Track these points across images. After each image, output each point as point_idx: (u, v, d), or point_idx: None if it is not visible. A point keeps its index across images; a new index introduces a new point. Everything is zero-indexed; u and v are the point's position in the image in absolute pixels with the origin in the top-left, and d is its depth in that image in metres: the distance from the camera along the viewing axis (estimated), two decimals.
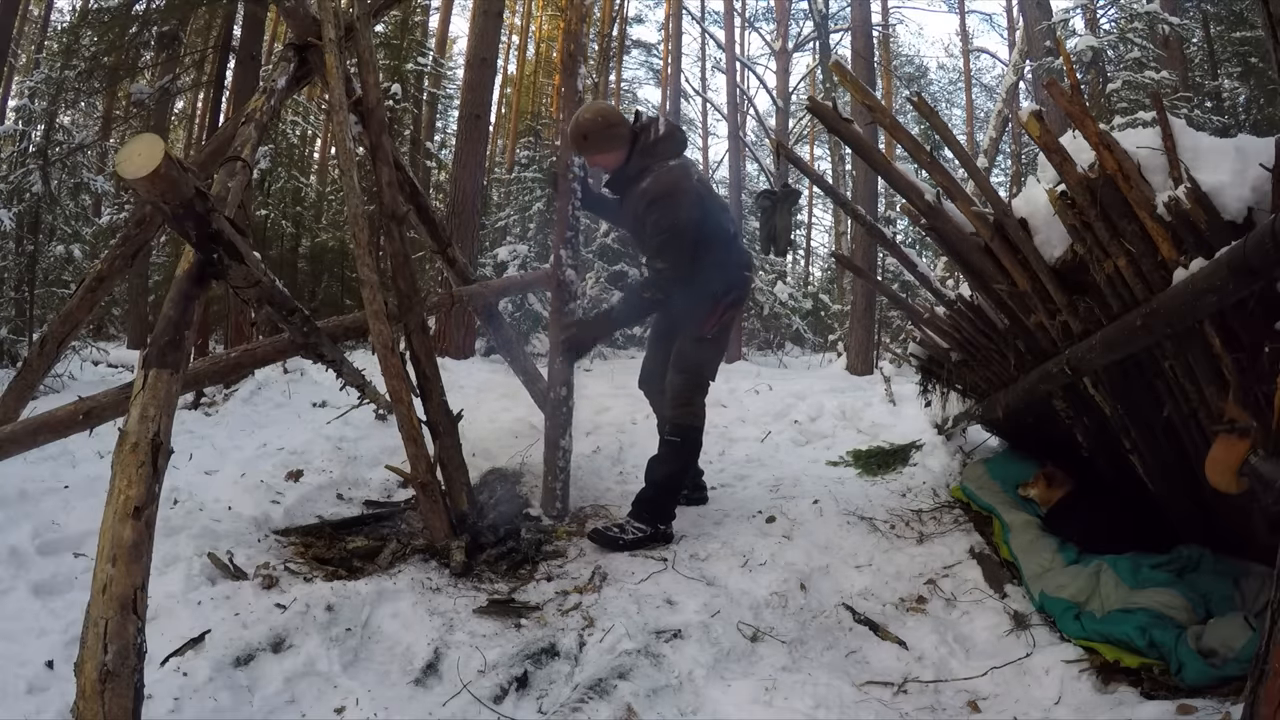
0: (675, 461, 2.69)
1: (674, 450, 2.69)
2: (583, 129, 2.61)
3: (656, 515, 2.58)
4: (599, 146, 2.63)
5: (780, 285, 14.88)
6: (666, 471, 2.67)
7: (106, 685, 1.24)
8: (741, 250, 2.86)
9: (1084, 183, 1.56)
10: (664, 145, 2.64)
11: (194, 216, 1.58)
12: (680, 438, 2.69)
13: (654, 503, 2.60)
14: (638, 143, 2.64)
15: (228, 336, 7.37)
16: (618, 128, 2.62)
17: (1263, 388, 1.38)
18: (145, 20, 7.14)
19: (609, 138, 2.61)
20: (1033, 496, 2.57)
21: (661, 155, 2.62)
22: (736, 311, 2.90)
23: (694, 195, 2.61)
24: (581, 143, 2.63)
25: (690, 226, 2.58)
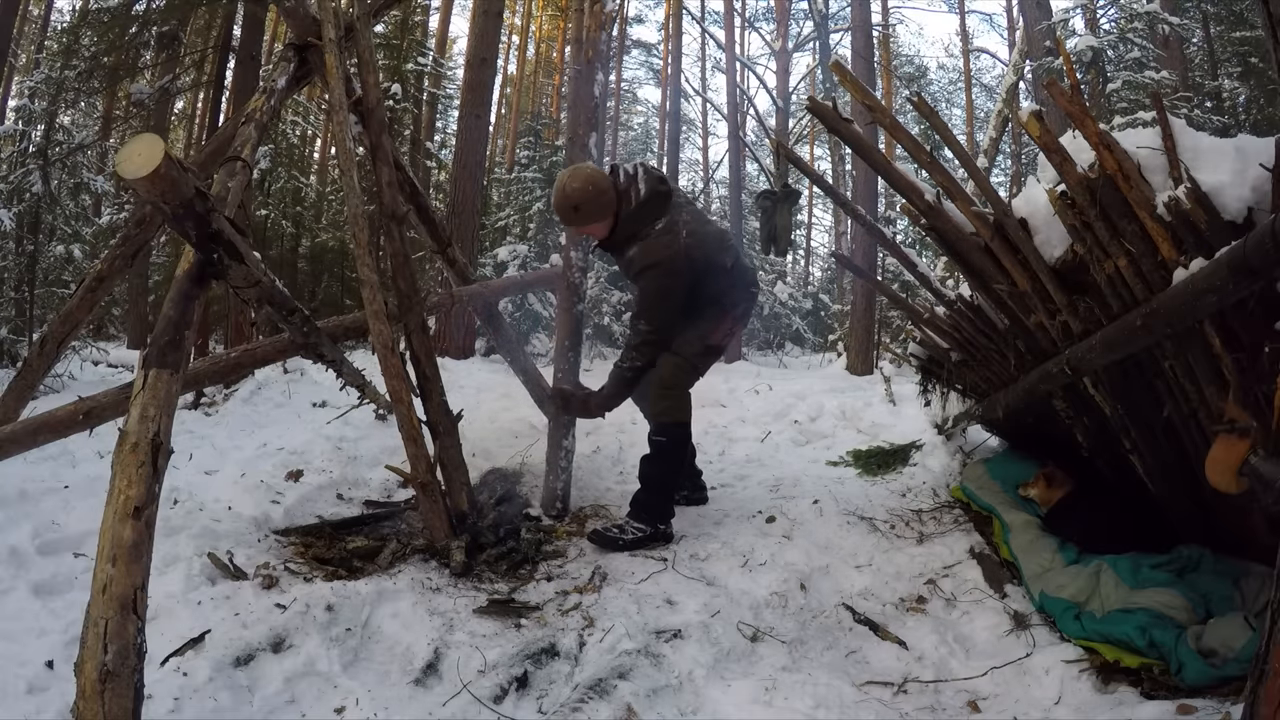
0: (663, 461, 2.64)
1: (660, 450, 2.64)
2: (573, 200, 2.55)
3: (654, 515, 2.56)
4: (590, 217, 2.59)
5: (780, 285, 14.89)
6: (656, 471, 2.63)
7: (106, 685, 1.24)
8: (745, 270, 2.83)
9: (1084, 183, 1.56)
10: (649, 209, 2.61)
11: (194, 216, 1.58)
12: (665, 436, 2.65)
13: (649, 503, 2.59)
14: (622, 208, 2.61)
15: (228, 336, 7.37)
16: (606, 195, 2.57)
17: (1263, 388, 1.38)
18: (145, 20, 7.14)
19: (599, 205, 2.57)
20: (1033, 496, 2.57)
21: (647, 219, 2.61)
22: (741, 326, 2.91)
23: (681, 258, 2.56)
24: (572, 214, 2.58)
25: (676, 293, 2.58)
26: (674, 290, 2.58)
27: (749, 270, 2.87)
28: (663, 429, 2.65)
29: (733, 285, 2.75)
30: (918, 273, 2.48)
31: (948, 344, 2.91)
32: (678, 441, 2.68)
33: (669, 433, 2.64)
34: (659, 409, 2.66)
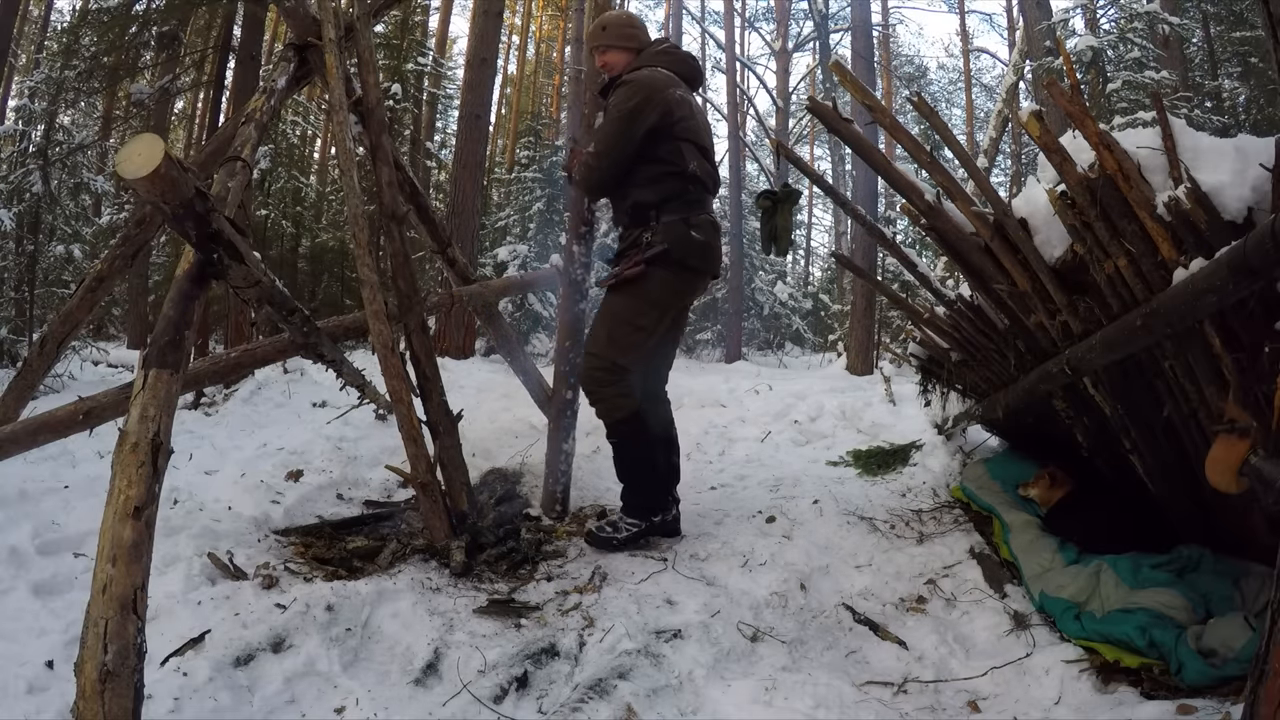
0: (626, 455, 2.54)
1: (618, 448, 2.55)
2: (604, 21, 2.64)
3: (643, 508, 2.50)
4: (612, 40, 2.60)
5: (780, 285, 14.91)
6: (624, 468, 2.56)
7: (106, 685, 1.24)
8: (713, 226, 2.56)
9: (1084, 183, 1.56)
10: (663, 57, 2.57)
11: (194, 216, 1.58)
12: (616, 436, 2.52)
13: (633, 500, 2.52)
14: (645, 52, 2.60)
15: (228, 336, 7.37)
16: (634, 29, 2.62)
17: (1263, 388, 1.38)
18: (145, 20, 7.15)
19: (625, 36, 2.60)
20: (1033, 496, 2.57)
21: (656, 64, 2.55)
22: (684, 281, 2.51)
23: (660, 95, 2.43)
24: (599, 33, 2.62)
25: (638, 121, 2.41)
26: (637, 115, 2.41)
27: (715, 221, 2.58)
28: (610, 430, 2.54)
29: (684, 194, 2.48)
30: (918, 273, 2.48)
31: (948, 344, 2.91)
32: (630, 434, 2.52)
33: (617, 431, 2.52)
34: (597, 413, 2.54)
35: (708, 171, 2.57)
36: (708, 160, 2.58)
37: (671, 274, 2.46)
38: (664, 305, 2.51)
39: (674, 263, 2.44)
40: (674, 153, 2.47)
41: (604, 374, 2.46)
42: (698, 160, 2.51)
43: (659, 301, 2.49)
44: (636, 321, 2.47)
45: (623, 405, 2.47)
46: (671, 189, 2.47)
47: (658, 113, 2.42)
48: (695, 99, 2.64)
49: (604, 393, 2.47)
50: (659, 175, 2.47)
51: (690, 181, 2.49)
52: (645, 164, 2.47)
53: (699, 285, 2.62)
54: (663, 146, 2.46)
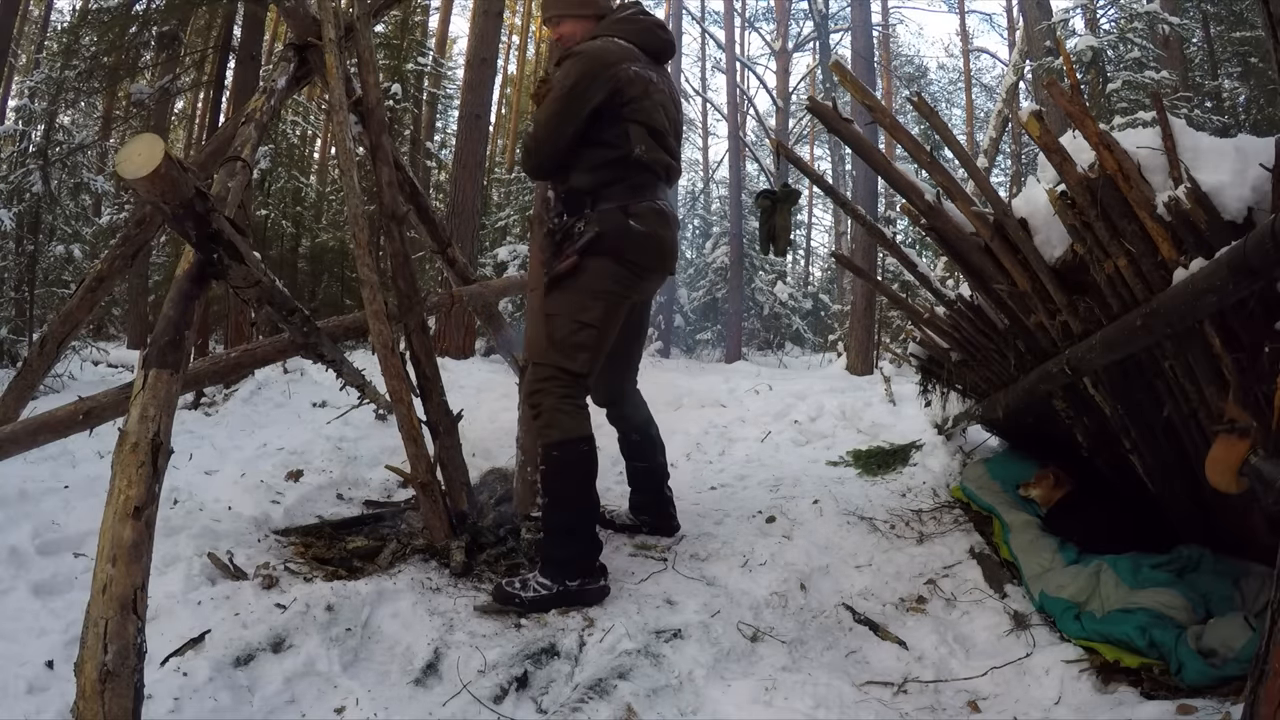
0: (551, 495, 2.12)
1: (548, 479, 2.12)
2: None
3: (560, 569, 2.03)
4: (566, 8, 2.33)
5: (780, 285, 14.92)
6: (548, 510, 2.13)
7: (106, 685, 1.24)
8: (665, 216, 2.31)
9: (1084, 183, 1.56)
10: (623, 26, 2.29)
11: (194, 216, 1.58)
12: (545, 463, 2.12)
13: (550, 555, 2.09)
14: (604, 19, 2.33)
15: (228, 336, 7.37)
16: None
17: (1263, 388, 1.38)
18: (145, 20, 7.15)
19: (580, 2, 2.32)
20: (1035, 497, 2.57)
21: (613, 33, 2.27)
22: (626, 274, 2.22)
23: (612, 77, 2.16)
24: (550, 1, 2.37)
25: (582, 97, 2.14)
26: (580, 93, 2.14)
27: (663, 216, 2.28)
28: (544, 453, 2.13)
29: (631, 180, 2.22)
30: (918, 273, 2.48)
31: (948, 344, 2.91)
32: (566, 464, 2.10)
33: (548, 458, 2.11)
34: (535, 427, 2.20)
35: (659, 158, 2.27)
36: (663, 145, 2.30)
37: (608, 263, 2.20)
38: (610, 297, 2.21)
39: (608, 251, 2.18)
40: (620, 136, 2.20)
41: (548, 383, 2.15)
42: (646, 144, 2.23)
43: (603, 293, 2.19)
44: (580, 317, 2.17)
45: (562, 424, 2.11)
46: (611, 175, 2.21)
47: (604, 90, 2.16)
48: (660, 75, 2.35)
49: (545, 404, 2.14)
50: (600, 160, 2.21)
51: (634, 168, 2.22)
52: (588, 147, 2.21)
53: (647, 282, 2.36)
54: (609, 129, 2.20)
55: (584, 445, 2.14)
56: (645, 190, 2.26)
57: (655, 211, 2.27)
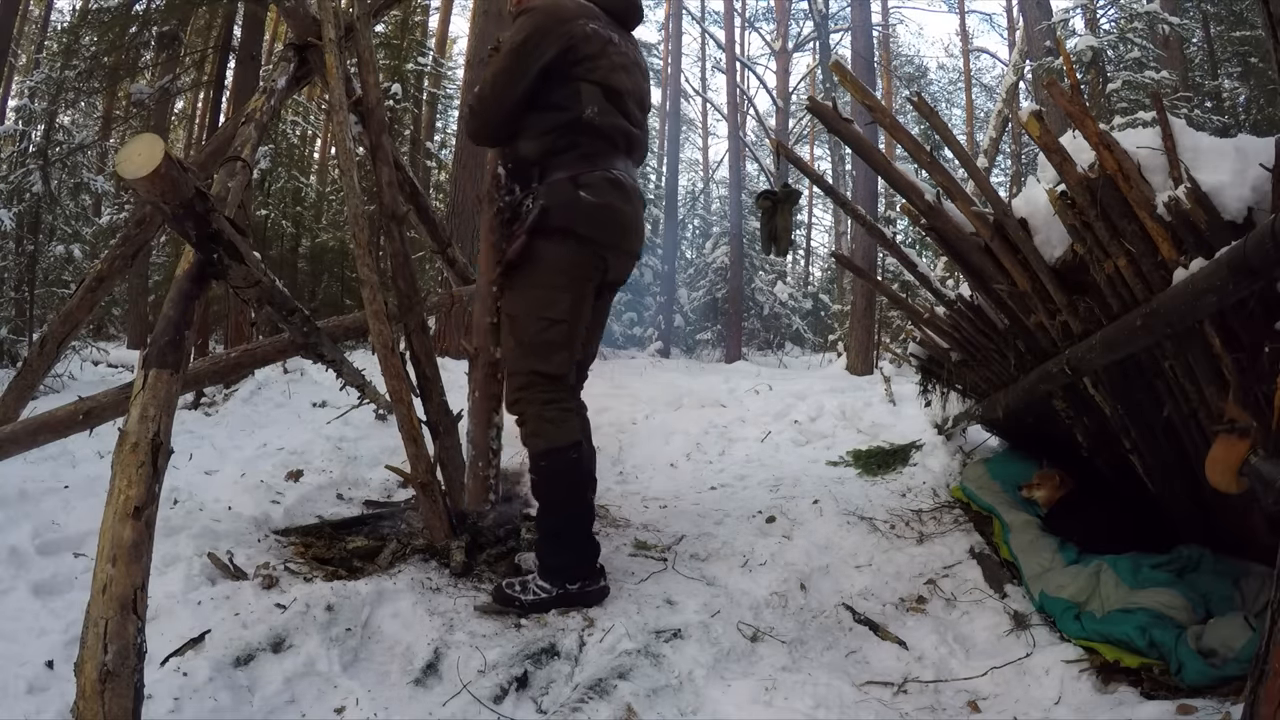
0: (545, 499, 2.06)
1: (538, 487, 2.06)
2: None
3: (559, 573, 2.00)
4: None
5: (780, 285, 14.93)
6: (543, 515, 2.08)
7: (106, 685, 1.24)
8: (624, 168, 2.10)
9: (1084, 183, 1.56)
10: None
11: (194, 216, 1.58)
12: (535, 473, 2.06)
13: (548, 561, 2.04)
14: None
15: (228, 336, 7.37)
16: None
17: (1263, 388, 1.38)
18: (145, 20, 7.15)
19: None
20: (1038, 499, 2.56)
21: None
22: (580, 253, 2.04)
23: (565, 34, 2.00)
24: None
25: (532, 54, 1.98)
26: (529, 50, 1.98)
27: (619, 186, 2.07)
28: (532, 462, 2.06)
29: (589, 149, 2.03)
30: (918, 273, 2.48)
31: (948, 344, 2.91)
32: (551, 474, 2.03)
33: (536, 467, 2.05)
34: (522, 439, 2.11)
35: (615, 124, 2.07)
36: (622, 109, 2.10)
37: (559, 243, 2.02)
38: (573, 286, 2.04)
39: (558, 228, 2.00)
40: (570, 97, 2.02)
41: (526, 391, 2.04)
42: (599, 105, 2.03)
43: (564, 283, 2.03)
44: (546, 314, 2.03)
45: (548, 433, 2.02)
46: (561, 141, 2.03)
47: (556, 47, 1.99)
48: (625, 39, 2.18)
49: (528, 413, 2.04)
50: (549, 125, 2.03)
51: (585, 132, 2.03)
52: (537, 111, 2.04)
53: (604, 261, 2.12)
54: (559, 90, 2.02)
55: (572, 452, 2.04)
56: (599, 159, 2.05)
57: (610, 181, 2.05)
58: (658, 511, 2.96)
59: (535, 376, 2.04)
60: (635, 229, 2.17)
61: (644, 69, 2.25)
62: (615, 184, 2.06)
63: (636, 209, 2.15)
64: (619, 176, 2.08)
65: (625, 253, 2.17)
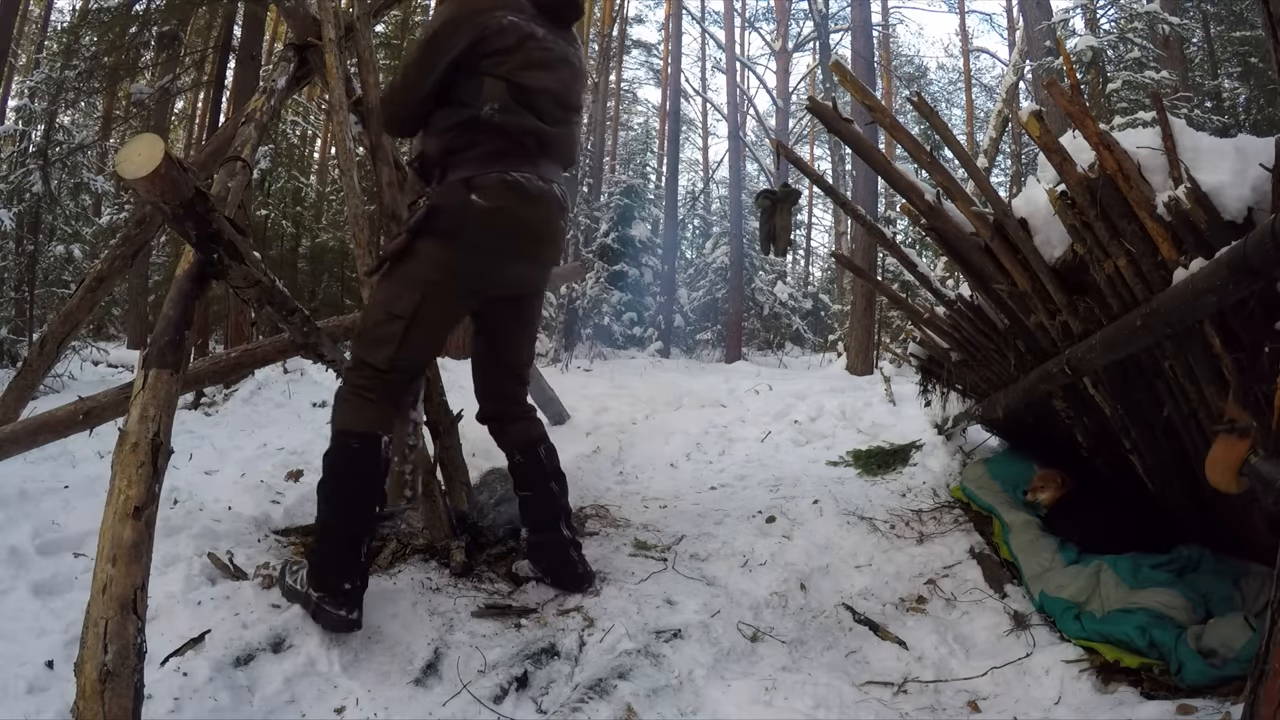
0: (321, 483, 1.88)
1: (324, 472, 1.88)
2: None
3: (318, 576, 1.79)
4: None
5: (780, 285, 14.92)
6: (320, 504, 1.87)
7: (106, 685, 1.24)
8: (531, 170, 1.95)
9: (1084, 183, 1.56)
10: None
11: (194, 216, 1.58)
12: (325, 459, 1.88)
13: (314, 556, 1.86)
14: None
15: (228, 336, 7.38)
16: None
17: (1263, 388, 1.38)
18: (145, 20, 7.16)
19: None
20: (1042, 501, 2.55)
21: None
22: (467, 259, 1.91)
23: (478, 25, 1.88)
24: None
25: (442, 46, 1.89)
26: (439, 41, 1.90)
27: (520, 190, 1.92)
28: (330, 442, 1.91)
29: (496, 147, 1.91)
30: (918, 273, 2.48)
31: (948, 344, 2.91)
32: (332, 456, 1.87)
33: (328, 452, 1.89)
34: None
35: (520, 123, 1.92)
36: (534, 108, 1.94)
37: (440, 245, 1.90)
38: (431, 288, 1.91)
39: (441, 232, 1.89)
40: (471, 92, 1.90)
41: (351, 372, 1.94)
42: (502, 102, 1.89)
43: (422, 282, 1.90)
44: (391, 308, 1.92)
45: (341, 414, 1.89)
46: (461, 140, 1.92)
47: (467, 38, 1.88)
48: (557, 35, 2.03)
49: (339, 391, 1.94)
50: (451, 121, 1.93)
51: (484, 130, 1.90)
52: (443, 107, 1.95)
53: (503, 271, 1.99)
54: (464, 84, 1.91)
55: (354, 442, 1.86)
56: (500, 160, 1.91)
57: (509, 185, 1.91)
58: (658, 511, 2.96)
59: (359, 363, 1.94)
60: (543, 235, 2.03)
61: (575, 67, 2.10)
62: (514, 187, 1.92)
63: (544, 214, 2.00)
64: (519, 179, 1.93)
65: (528, 259, 2.05)
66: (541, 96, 1.96)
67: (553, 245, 2.11)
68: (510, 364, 2.23)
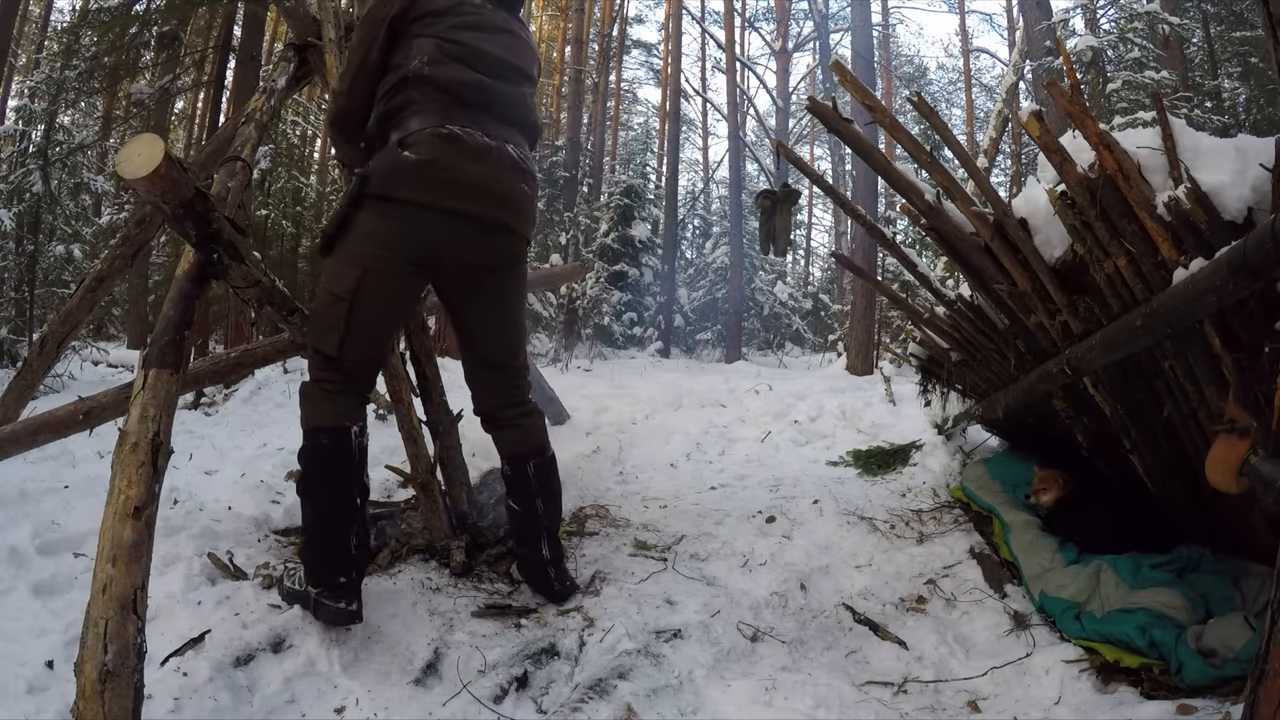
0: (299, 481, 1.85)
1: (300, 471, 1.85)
2: None
3: (311, 571, 1.81)
4: None
5: (780, 285, 14.93)
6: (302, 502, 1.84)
7: (106, 685, 1.24)
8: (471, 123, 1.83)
9: (1084, 183, 1.56)
10: None
11: (194, 216, 1.58)
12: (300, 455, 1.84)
13: (306, 553, 1.88)
14: None
15: (228, 336, 7.38)
16: None
17: (1263, 388, 1.38)
18: (145, 20, 7.15)
19: None
20: (1044, 502, 2.54)
21: None
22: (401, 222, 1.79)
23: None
24: None
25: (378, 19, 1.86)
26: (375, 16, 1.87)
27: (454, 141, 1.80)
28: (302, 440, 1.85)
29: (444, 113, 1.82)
30: (918, 273, 2.48)
31: (948, 344, 2.91)
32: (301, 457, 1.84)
33: (301, 448, 1.84)
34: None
35: (454, 76, 1.83)
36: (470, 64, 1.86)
37: (375, 215, 1.78)
38: (369, 261, 1.79)
39: (375, 196, 1.77)
40: (403, 54, 1.85)
41: (310, 364, 1.87)
42: (429, 56, 1.82)
43: (359, 256, 1.79)
44: (332, 287, 1.81)
45: (305, 411, 1.84)
46: (395, 102, 1.84)
47: (399, 5, 1.85)
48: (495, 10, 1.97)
49: (302, 388, 1.86)
50: (387, 87, 1.86)
51: (415, 86, 1.82)
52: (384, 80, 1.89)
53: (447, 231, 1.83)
54: (398, 51, 1.86)
55: (322, 437, 1.80)
56: (433, 114, 1.80)
57: (442, 137, 1.78)
58: (658, 511, 2.96)
59: (314, 351, 1.86)
60: (490, 195, 1.85)
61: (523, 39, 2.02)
62: (450, 139, 1.78)
63: (490, 171, 1.83)
64: (455, 131, 1.79)
65: (473, 222, 1.85)
66: (480, 54, 1.87)
67: (509, 209, 1.90)
68: (484, 354, 2.05)
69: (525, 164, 1.93)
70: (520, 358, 2.10)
